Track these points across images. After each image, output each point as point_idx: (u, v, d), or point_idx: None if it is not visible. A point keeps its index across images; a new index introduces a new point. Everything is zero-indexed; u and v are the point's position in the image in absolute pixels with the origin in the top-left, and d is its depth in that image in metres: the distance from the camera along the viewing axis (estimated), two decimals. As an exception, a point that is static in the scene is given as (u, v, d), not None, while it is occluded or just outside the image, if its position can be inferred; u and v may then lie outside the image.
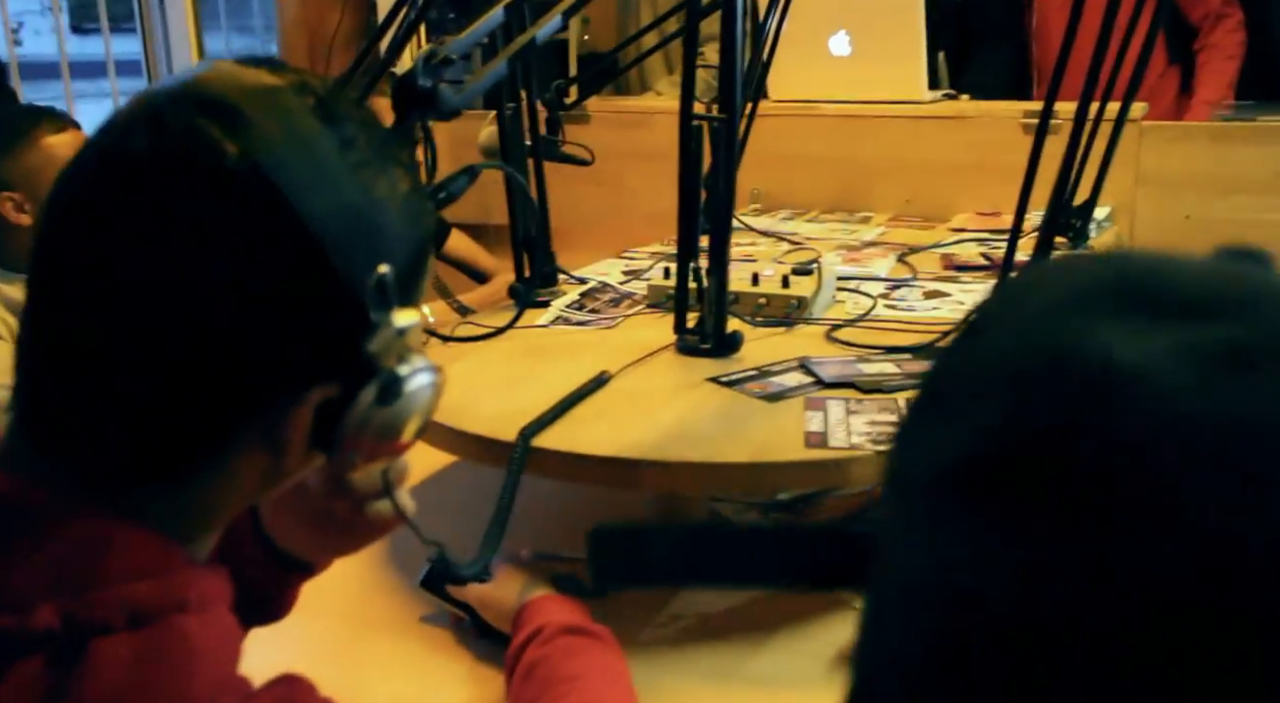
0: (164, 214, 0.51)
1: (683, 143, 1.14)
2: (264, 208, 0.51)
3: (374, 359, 0.54)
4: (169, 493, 0.55)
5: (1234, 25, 2.40)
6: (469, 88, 0.81)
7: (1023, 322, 0.30)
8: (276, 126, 0.52)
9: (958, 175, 2.04)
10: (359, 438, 0.55)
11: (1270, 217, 1.90)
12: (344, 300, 0.52)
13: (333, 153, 0.53)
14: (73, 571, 0.51)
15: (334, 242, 0.52)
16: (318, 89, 0.55)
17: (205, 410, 0.53)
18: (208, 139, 0.51)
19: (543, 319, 1.34)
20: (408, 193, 0.56)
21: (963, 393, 0.30)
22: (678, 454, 0.93)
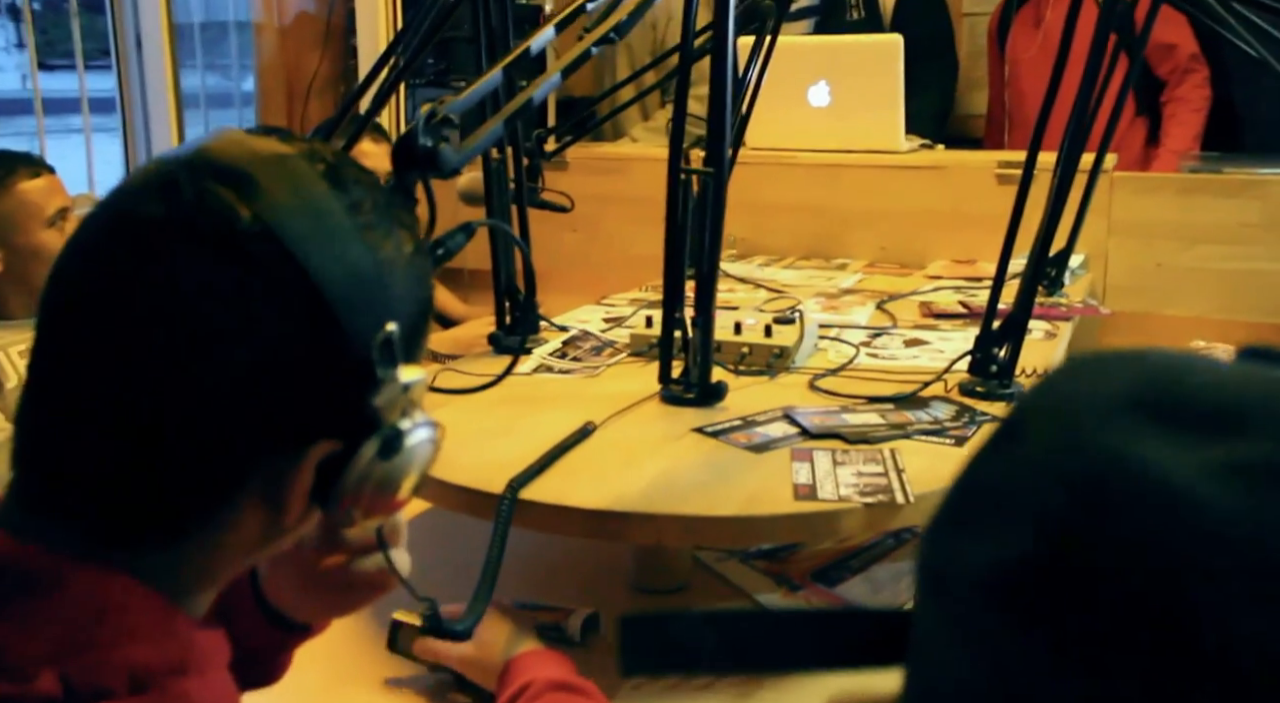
0: (176, 277, 0.51)
1: (670, 194, 1.14)
2: (275, 270, 0.52)
3: (378, 415, 0.54)
4: (168, 551, 0.54)
5: (1200, 80, 2.46)
6: (469, 147, 0.82)
7: (1061, 430, 0.30)
8: (287, 192, 0.53)
9: (933, 223, 2.07)
10: (359, 493, 0.56)
11: (1238, 265, 1.94)
12: (351, 358, 0.53)
13: (342, 216, 0.54)
14: (73, 634, 0.51)
15: (342, 301, 0.53)
16: (326, 155, 0.56)
17: (209, 469, 0.53)
18: (221, 204, 0.51)
19: (525, 367, 1.33)
20: (411, 253, 0.58)
21: (1004, 500, 0.30)
22: (666, 507, 0.92)
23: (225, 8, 3.03)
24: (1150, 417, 0.29)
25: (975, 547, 0.30)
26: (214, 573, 0.58)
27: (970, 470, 0.33)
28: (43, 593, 0.51)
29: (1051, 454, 0.30)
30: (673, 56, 1.80)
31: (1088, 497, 0.28)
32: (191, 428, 0.52)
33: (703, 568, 1.18)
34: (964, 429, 1.10)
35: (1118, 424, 0.29)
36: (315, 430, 0.54)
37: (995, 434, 0.33)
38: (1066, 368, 0.34)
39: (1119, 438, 0.29)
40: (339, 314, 0.53)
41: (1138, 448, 0.28)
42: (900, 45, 2.06)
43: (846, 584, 1.16)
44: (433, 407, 1.14)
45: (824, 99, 2.12)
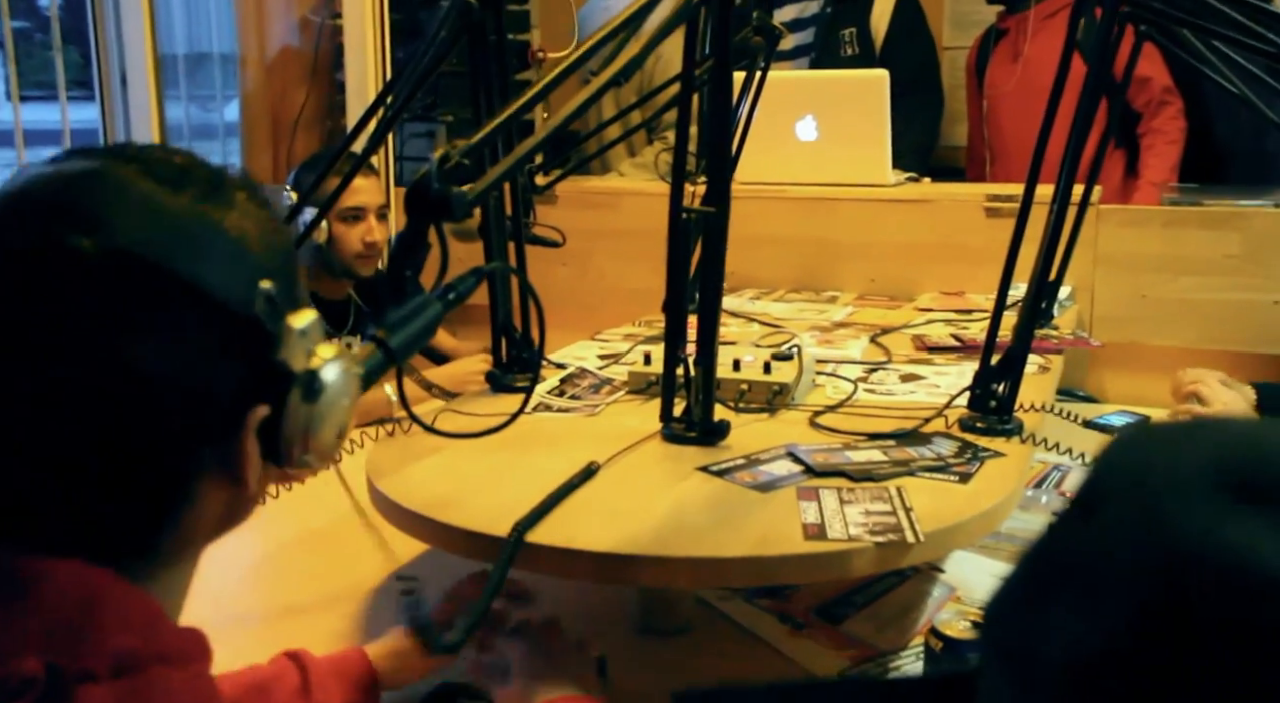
0: (54, 322, 0.53)
1: (671, 235, 1.14)
2: (141, 281, 0.54)
3: (287, 366, 0.58)
4: (144, 548, 0.57)
5: (1175, 112, 2.51)
6: (478, 190, 0.81)
7: (1143, 508, 0.30)
8: (116, 205, 0.55)
9: (921, 256, 2.08)
10: (304, 439, 0.59)
11: (1222, 297, 1.97)
12: (242, 327, 0.57)
13: (174, 202, 0.56)
14: (58, 625, 0.52)
15: (212, 281, 0.55)
16: (133, 153, 0.58)
17: (161, 475, 0.56)
18: (65, 244, 0.53)
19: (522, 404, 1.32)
20: (255, 208, 0.60)
21: (1087, 581, 0.30)
22: (676, 549, 0.92)
23: (209, 40, 3.03)
24: (1235, 494, 0.29)
25: (1058, 629, 0.29)
26: (188, 562, 0.61)
27: (1046, 545, 0.32)
28: (28, 589, 0.53)
29: (1135, 533, 0.30)
30: (659, 95, 1.81)
31: (1181, 583, 0.28)
32: (129, 446, 0.55)
33: (706, 607, 1.18)
34: (967, 465, 1.10)
35: (1202, 502, 0.29)
36: (242, 402, 0.57)
37: (1071, 508, 0.33)
38: (1138, 436, 0.34)
39: (1206, 518, 0.28)
40: (214, 293, 0.55)
41: (1227, 530, 0.28)
42: (886, 80, 2.09)
43: (851, 621, 1.16)
44: (433, 448, 1.14)
45: (811, 133, 2.14)
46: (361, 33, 2.45)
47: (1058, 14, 2.61)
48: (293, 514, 1.31)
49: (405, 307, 0.79)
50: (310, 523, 1.33)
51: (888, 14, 2.68)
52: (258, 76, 2.94)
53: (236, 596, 1.23)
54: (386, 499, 1.03)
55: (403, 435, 1.20)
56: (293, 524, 1.34)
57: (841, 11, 2.69)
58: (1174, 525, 0.29)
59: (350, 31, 2.49)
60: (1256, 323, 1.94)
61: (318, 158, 2.12)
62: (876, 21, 2.68)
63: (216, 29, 3.02)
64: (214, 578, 1.26)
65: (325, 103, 2.86)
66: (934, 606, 1.19)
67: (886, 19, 2.68)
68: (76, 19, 2.93)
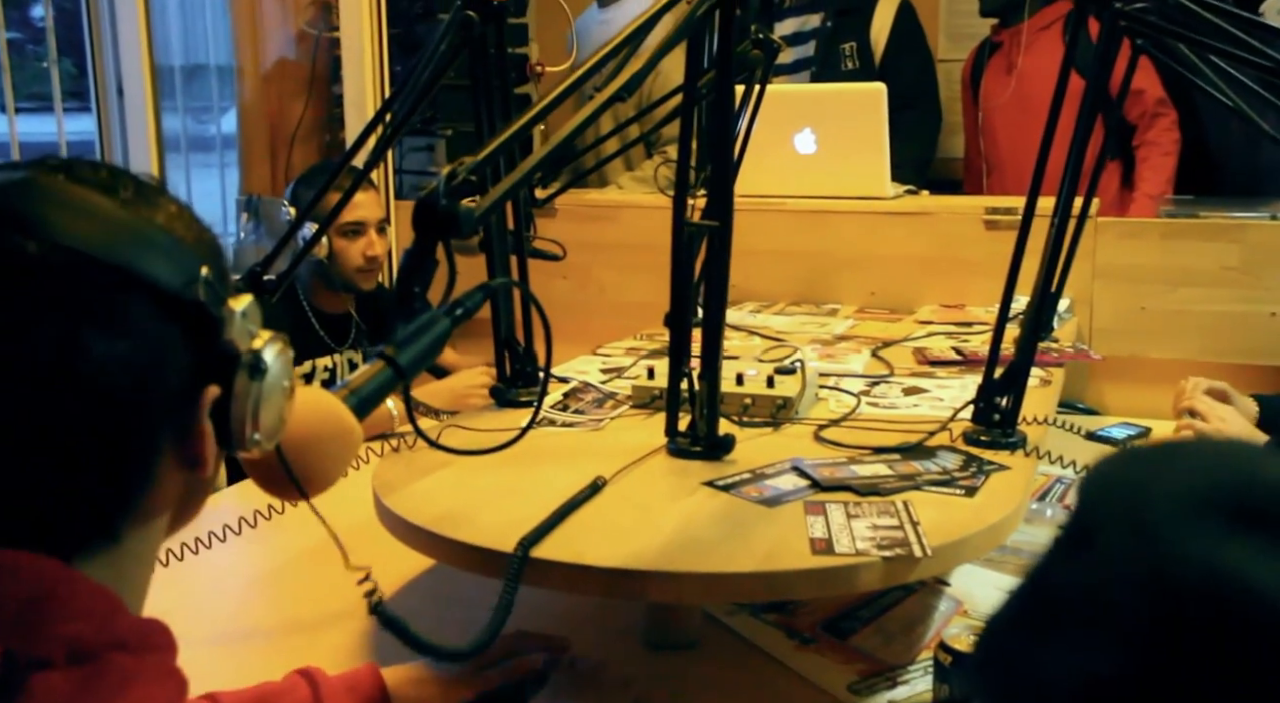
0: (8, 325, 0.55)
1: (675, 249, 1.14)
2: (85, 277, 0.56)
3: (234, 346, 0.61)
4: (105, 531, 0.59)
5: (1169, 124, 2.52)
6: (484, 206, 0.81)
7: (1137, 535, 0.30)
8: (52, 208, 0.57)
9: (921, 269, 2.09)
10: (254, 418, 0.61)
11: (1221, 308, 1.97)
12: (187, 313, 0.59)
13: (109, 205, 0.59)
14: (16, 614, 0.53)
15: (154, 272, 0.58)
16: (55, 164, 0.60)
17: (121, 464, 0.58)
18: (4, 246, 0.55)
19: (527, 420, 1.32)
20: (179, 206, 0.63)
21: (1086, 610, 0.29)
22: (684, 564, 0.92)
23: (205, 51, 3.03)
24: (1229, 520, 0.28)
25: (1058, 660, 0.29)
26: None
27: (1040, 575, 0.32)
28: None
29: (1133, 565, 0.30)
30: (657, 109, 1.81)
31: (1182, 613, 0.28)
32: (90, 430, 0.56)
33: (713, 622, 1.17)
34: (973, 479, 1.10)
35: (1196, 530, 0.29)
36: (194, 383, 0.60)
37: (1064, 536, 0.33)
38: (1125, 460, 0.34)
39: (1201, 547, 0.28)
40: (157, 282, 0.58)
41: (1227, 558, 0.27)
42: (884, 93, 2.09)
43: (858, 636, 1.15)
44: (438, 463, 1.14)
45: (810, 146, 2.14)
46: (360, 46, 2.45)
47: (1052, 26, 2.62)
48: (299, 529, 1.30)
49: (413, 323, 0.79)
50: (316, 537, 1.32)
51: (887, 28, 2.70)
52: (255, 88, 2.94)
53: (243, 611, 1.23)
54: (394, 515, 1.03)
55: (408, 451, 1.20)
56: (299, 539, 1.34)
57: (842, 26, 2.71)
58: (1171, 555, 0.29)
59: (348, 45, 2.50)
60: (1255, 335, 1.94)
61: (315, 171, 2.12)
62: (876, 35, 2.70)
63: (213, 40, 3.03)
64: (221, 594, 1.27)
65: (323, 115, 2.87)
66: (941, 619, 1.18)
67: (886, 33, 2.69)
68: (69, 30, 2.93)
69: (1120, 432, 1.80)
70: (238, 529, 1.25)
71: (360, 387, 0.74)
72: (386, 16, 2.50)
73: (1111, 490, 0.33)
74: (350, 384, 0.74)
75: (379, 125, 1.35)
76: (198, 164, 3.06)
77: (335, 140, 2.83)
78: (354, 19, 2.46)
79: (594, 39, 2.78)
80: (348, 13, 2.48)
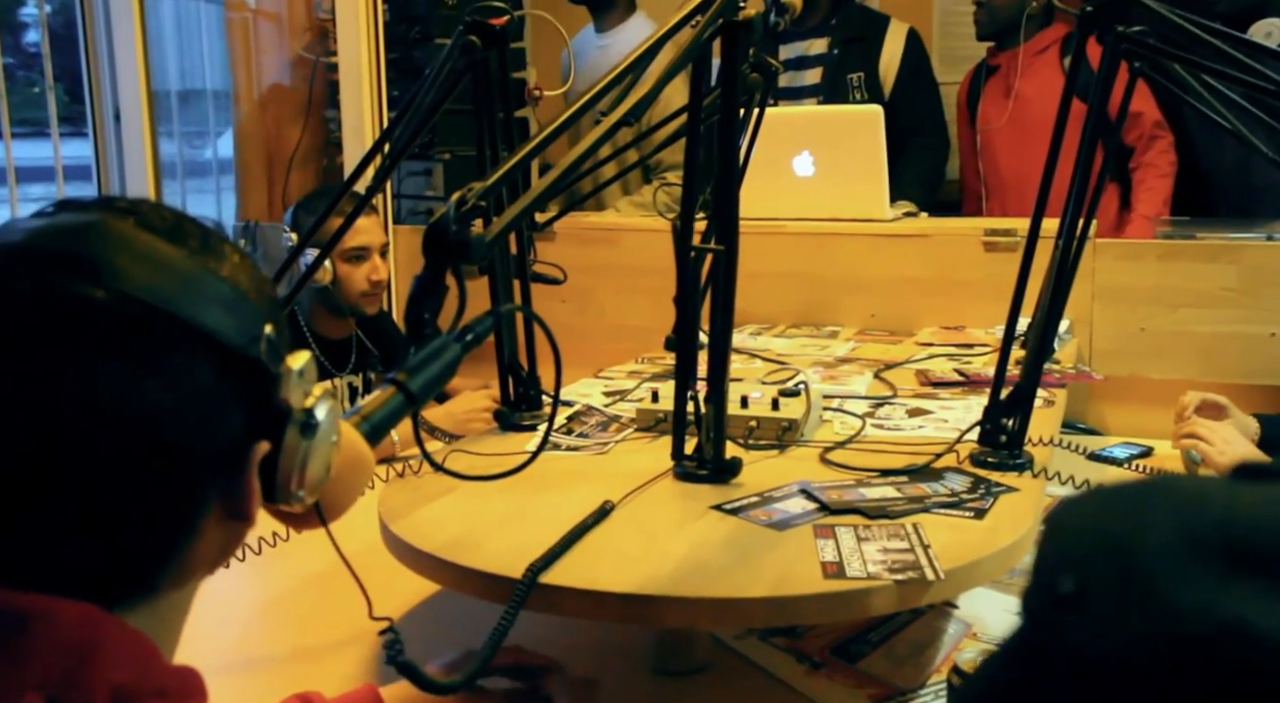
0: (72, 378, 0.54)
1: (680, 272, 1.14)
2: (151, 329, 0.55)
3: (287, 405, 0.61)
4: (145, 583, 0.59)
5: (1165, 146, 2.54)
6: (494, 232, 0.81)
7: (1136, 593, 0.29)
8: (120, 254, 0.56)
9: (921, 290, 2.09)
10: (300, 476, 0.62)
11: (1219, 329, 1.98)
12: (248, 369, 0.59)
13: (176, 254, 0.58)
14: (60, 664, 0.53)
15: (220, 326, 0.57)
16: (125, 206, 0.60)
17: (171, 507, 0.58)
18: (72, 293, 0.54)
19: (532, 444, 1.31)
20: (242, 258, 0.63)
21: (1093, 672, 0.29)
22: (696, 590, 0.91)
23: (201, 76, 3.04)
24: (1221, 565, 0.28)
25: None
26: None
27: (1034, 642, 0.32)
28: (28, 628, 0.53)
29: (1133, 620, 0.29)
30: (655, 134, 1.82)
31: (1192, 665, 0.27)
32: (141, 485, 0.56)
33: (722, 647, 1.16)
34: (982, 501, 1.10)
35: (1191, 579, 0.29)
36: (247, 442, 0.60)
37: (1052, 599, 0.32)
38: (1099, 512, 0.33)
39: (1200, 596, 0.28)
40: (220, 337, 0.57)
41: (1226, 605, 0.27)
42: (881, 115, 2.10)
43: (868, 660, 1.15)
44: (444, 488, 1.13)
45: (809, 169, 2.15)
46: (358, 71, 2.46)
47: (1048, 50, 2.64)
48: (303, 555, 1.29)
49: (424, 349, 0.79)
50: (321, 564, 1.32)
51: (897, 58, 2.72)
52: (251, 113, 2.95)
53: (248, 639, 1.22)
54: (401, 542, 1.02)
55: (413, 477, 1.19)
56: (304, 566, 1.33)
57: (849, 55, 2.72)
58: (1171, 610, 0.28)
59: (346, 70, 2.50)
60: (1255, 355, 1.95)
61: (313, 196, 2.12)
62: (885, 67, 2.72)
63: (209, 65, 3.03)
64: (225, 621, 1.25)
65: (320, 140, 2.87)
66: (950, 642, 1.18)
67: (896, 63, 2.71)
68: (63, 56, 2.94)
69: (1122, 452, 1.80)
70: (242, 556, 1.23)
71: (372, 414, 0.74)
72: (384, 42, 2.51)
73: (1095, 546, 0.33)
74: (362, 411, 0.74)
75: (381, 150, 1.35)
76: (193, 189, 3.06)
77: (332, 165, 2.83)
78: (352, 44, 2.47)
79: (591, 63, 2.79)
80: (346, 38, 2.48)
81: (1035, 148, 2.67)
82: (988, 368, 1.68)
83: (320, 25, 2.85)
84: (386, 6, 2.56)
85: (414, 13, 2.67)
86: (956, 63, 3.17)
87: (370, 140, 2.43)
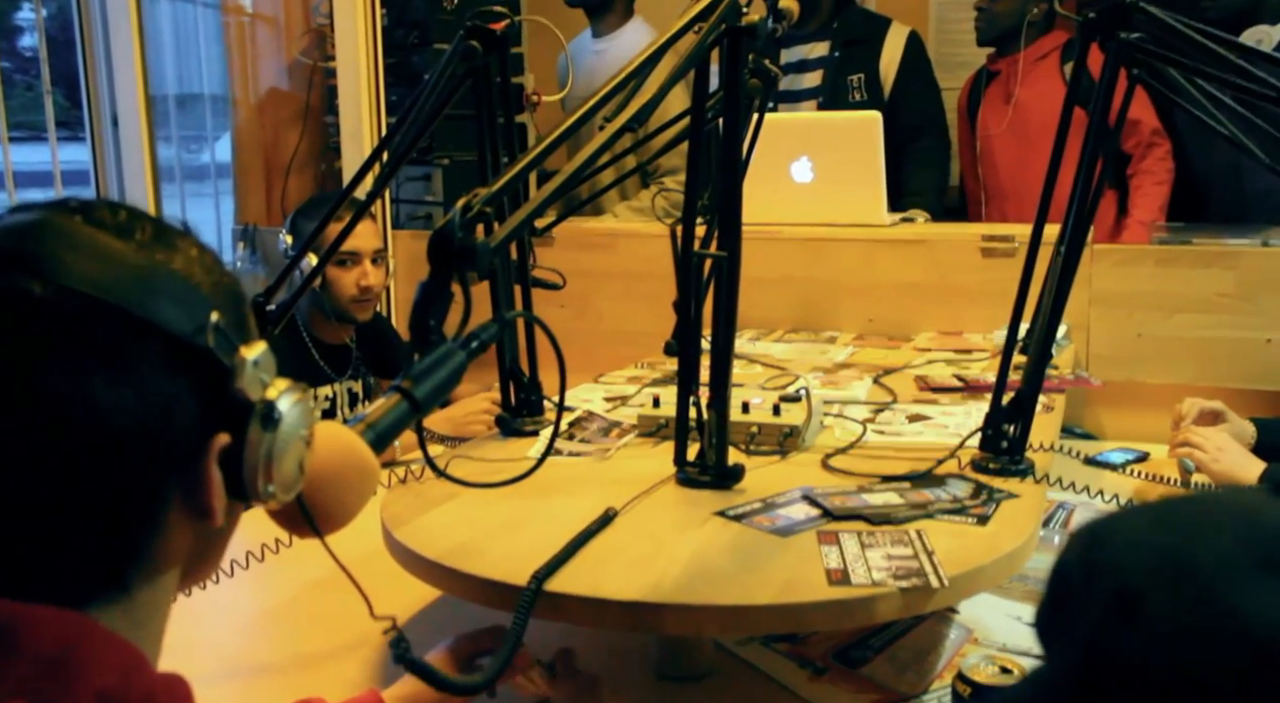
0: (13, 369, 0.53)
1: (681, 277, 1.15)
2: (91, 319, 0.54)
3: (244, 395, 0.59)
4: (115, 581, 0.58)
5: (1163, 154, 2.55)
6: (499, 238, 0.81)
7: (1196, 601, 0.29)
8: (62, 249, 0.56)
9: (919, 295, 2.09)
10: (267, 469, 0.60)
11: (1216, 333, 1.98)
12: (196, 359, 0.57)
13: (120, 247, 0.57)
14: (41, 669, 0.52)
15: (164, 316, 0.56)
16: (73, 204, 0.59)
17: (128, 511, 0.57)
18: (11, 286, 0.54)
19: (534, 450, 1.32)
20: (195, 248, 0.62)
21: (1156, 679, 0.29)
22: (701, 597, 0.91)
23: (198, 80, 3.04)
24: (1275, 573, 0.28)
25: None
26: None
27: (1092, 649, 0.32)
28: (10, 634, 0.53)
29: (1196, 625, 0.29)
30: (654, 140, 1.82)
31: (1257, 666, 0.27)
32: (95, 479, 0.55)
33: (725, 653, 1.17)
34: (984, 507, 1.10)
35: (1250, 585, 0.29)
36: (202, 432, 0.58)
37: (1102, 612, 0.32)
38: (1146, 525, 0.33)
39: (1260, 600, 0.28)
40: (166, 327, 0.56)
41: None
42: (879, 121, 2.11)
43: (870, 665, 1.15)
44: (447, 495, 1.13)
45: (807, 175, 2.15)
46: (356, 76, 2.46)
47: (1048, 56, 2.65)
48: (306, 562, 1.29)
49: (429, 356, 0.79)
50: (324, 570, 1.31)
51: (896, 59, 2.72)
52: (249, 118, 2.94)
53: (250, 646, 1.22)
54: (404, 549, 1.02)
55: (415, 483, 1.19)
56: (306, 572, 1.32)
57: (849, 57, 2.73)
58: (1233, 613, 0.28)
59: (344, 75, 2.50)
60: (1251, 360, 1.96)
61: (314, 203, 2.12)
62: (885, 68, 2.72)
63: (206, 69, 3.03)
64: (227, 629, 1.25)
65: (318, 145, 2.87)
66: (952, 648, 1.18)
67: (895, 64, 2.72)
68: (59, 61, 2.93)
69: (1119, 457, 1.81)
70: (245, 564, 1.23)
71: (377, 422, 0.74)
72: (382, 47, 2.51)
73: (1152, 559, 0.33)
74: (367, 419, 0.74)
75: (381, 155, 1.35)
76: (192, 193, 3.06)
77: (331, 169, 2.83)
78: (350, 49, 2.46)
79: (588, 68, 2.79)
80: (344, 43, 2.48)
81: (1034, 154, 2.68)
82: (986, 373, 1.68)
83: (317, 30, 2.85)
84: (385, 11, 2.56)
85: (412, 18, 2.68)
86: (952, 69, 3.18)
87: (368, 145, 2.43)
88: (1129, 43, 1.10)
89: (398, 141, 1.35)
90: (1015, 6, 2.64)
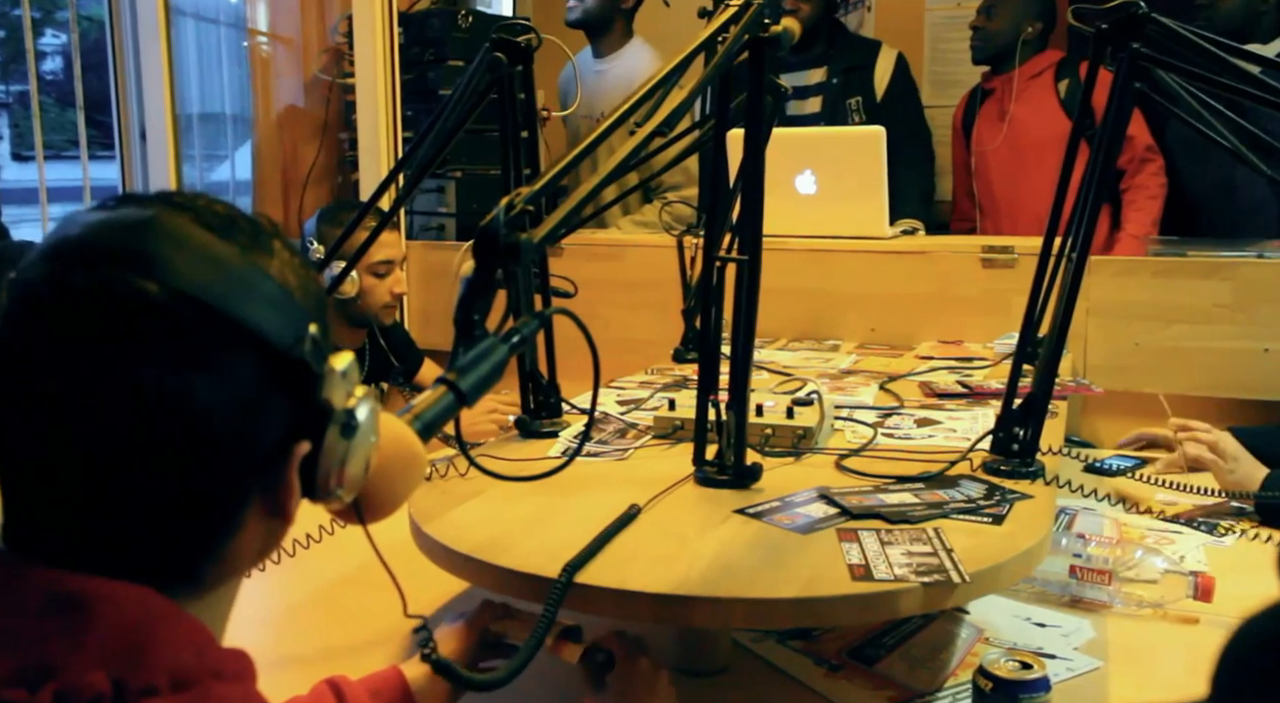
0: (123, 370, 0.55)
1: (703, 281, 1.17)
2: (201, 325, 0.56)
3: (329, 404, 0.61)
4: (189, 575, 0.60)
5: (1156, 169, 2.60)
6: (541, 234, 0.84)
7: None
8: (174, 250, 0.57)
9: (920, 306, 2.13)
10: (339, 474, 0.62)
11: (1213, 344, 2.02)
12: (292, 367, 0.60)
13: (227, 250, 0.59)
14: (118, 643, 0.55)
15: (267, 324, 0.58)
16: (182, 201, 0.61)
17: (217, 508, 0.59)
18: (128, 288, 0.55)
19: (553, 450, 1.34)
20: (291, 255, 0.64)
21: None
22: (728, 590, 0.93)
23: (220, 99, 3.07)
24: None
25: None
26: (229, 591, 0.64)
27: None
28: (91, 609, 0.55)
29: None
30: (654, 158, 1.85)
31: None
32: (186, 478, 0.57)
33: (741, 649, 1.19)
34: (998, 508, 1.13)
35: None
36: (288, 438, 0.60)
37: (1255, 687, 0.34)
38: None
39: None
40: (266, 335, 0.58)
41: None
42: (882, 136, 2.15)
43: (884, 662, 1.17)
44: (472, 492, 1.16)
45: (811, 187, 2.19)
46: (374, 92, 2.49)
47: (1042, 74, 2.70)
48: (335, 556, 1.31)
49: (473, 349, 0.81)
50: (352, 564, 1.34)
51: (886, 78, 2.80)
52: (269, 134, 2.99)
53: (278, 638, 1.23)
54: (435, 543, 1.04)
55: (440, 480, 1.21)
56: (335, 566, 1.34)
57: (847, 83, 2.80)
58: None
59: (363, 90, 2.54)
60: (1249, 370, 1.99)
61: (332, 208, 2.16)
62: (878, 88, 2.80)
63: (228, 88, 3.07)
64: (256, 621, 1.27)
65: (335, 159, 2.91)
66: (964, 646, 1.20)
67: (885, 83, 2.80)
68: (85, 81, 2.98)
69: (1117, 464, 1.84)
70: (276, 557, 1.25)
71: (424, 412, 0.76)
72: (400, 63, 2.55)
73: None
74: (414, 410, 0.76)
75: (404, 166, 1.38)
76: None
77: (347, 182, 2.87)
78: (368, 66, 2.51)
79: (589, 88, 2.84)
80: (362, 60, 2.53)
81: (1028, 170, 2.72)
82: (989, 380, 1.72)
83: (334, 48, 2.89)
84: (401, 30, 2.60)
85: (428, 36, 2.72)
86: (946, 88, 3.24)
87: (385, 158, 2.48)
88: (1141, 53, 1.13)
89: (423, 152, 1.38)
90: (1009, 25, 2.70)
